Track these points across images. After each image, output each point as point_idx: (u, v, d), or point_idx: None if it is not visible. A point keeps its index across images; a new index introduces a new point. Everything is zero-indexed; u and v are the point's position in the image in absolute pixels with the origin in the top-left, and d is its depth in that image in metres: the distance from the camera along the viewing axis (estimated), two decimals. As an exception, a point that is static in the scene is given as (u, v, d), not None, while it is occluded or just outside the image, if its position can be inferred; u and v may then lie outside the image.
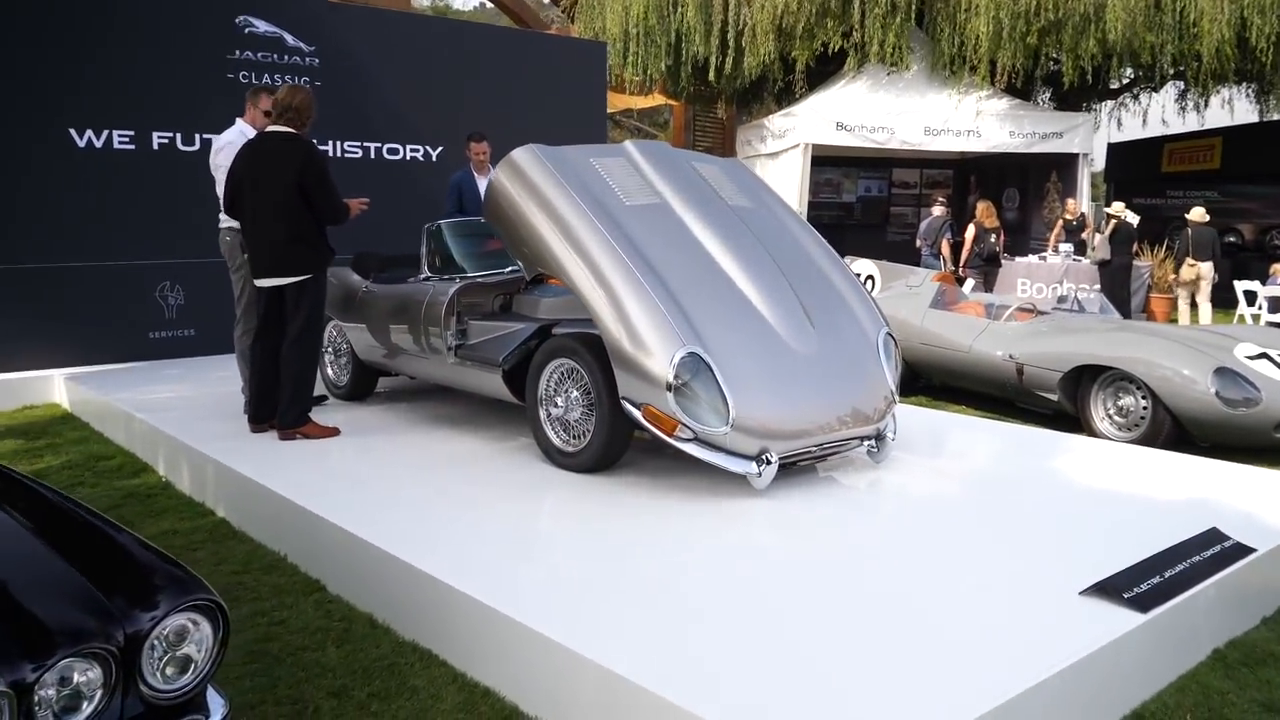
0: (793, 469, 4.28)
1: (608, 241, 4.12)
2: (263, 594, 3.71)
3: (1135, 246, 12.46)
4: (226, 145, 5.62)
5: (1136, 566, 3.17)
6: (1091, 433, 6.35)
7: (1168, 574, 3.11)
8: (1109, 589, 2.99)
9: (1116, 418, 6.29)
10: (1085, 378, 6.45)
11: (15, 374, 7.52)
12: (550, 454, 4.52)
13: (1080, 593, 2.99)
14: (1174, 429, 5.96)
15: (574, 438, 4.42)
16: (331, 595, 3.69)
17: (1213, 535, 3.52)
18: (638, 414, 3.97)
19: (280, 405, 5.09)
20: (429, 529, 3.69)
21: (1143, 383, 6.05)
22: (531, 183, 4.40)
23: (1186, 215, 12.41)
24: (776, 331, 4.20)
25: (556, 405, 4.45)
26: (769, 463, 3.93)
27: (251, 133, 5.52)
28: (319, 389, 5.41)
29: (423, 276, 5.56)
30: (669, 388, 3.83)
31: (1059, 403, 6.66)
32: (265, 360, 5.17)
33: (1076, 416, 6.56)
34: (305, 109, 5.03)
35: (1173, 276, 12.72)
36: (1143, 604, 2.92)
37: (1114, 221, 12.37)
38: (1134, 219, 13.35)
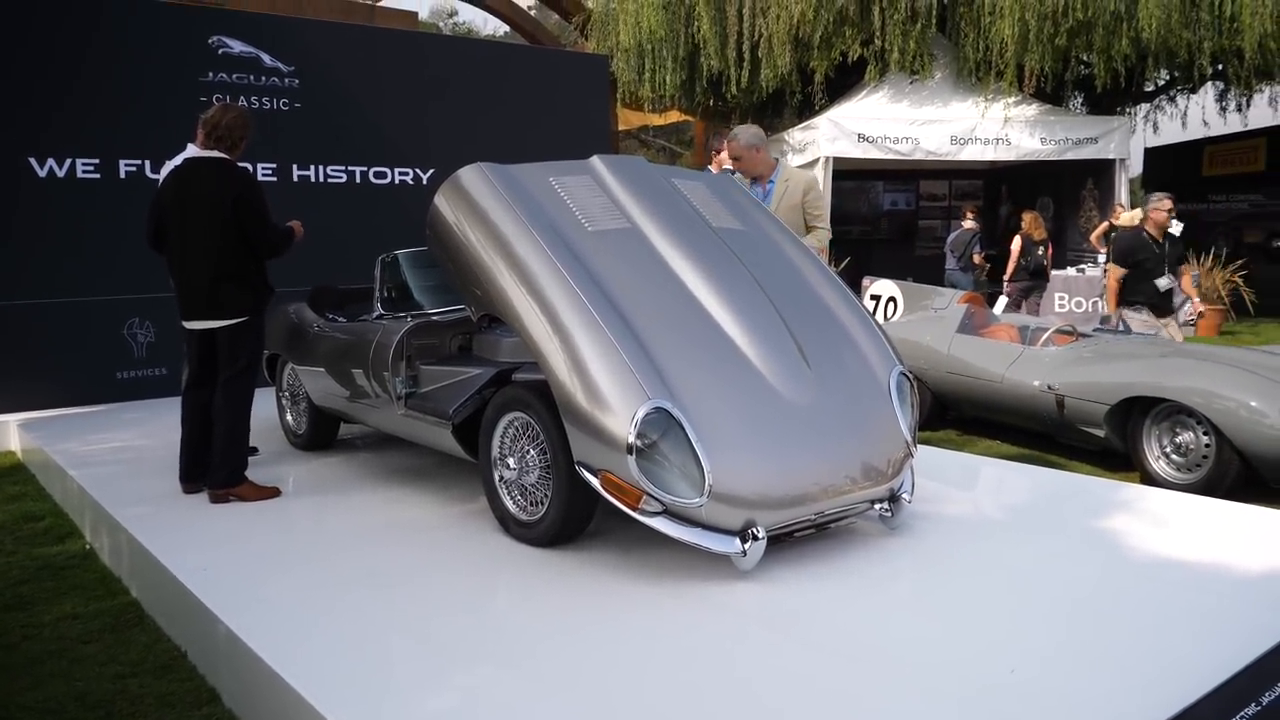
0: (787, 540, 3.56)
1: (558, 272, 3.46)
2: (143, 708, 3.07)
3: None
4: None
5: (1223, 690, 2.41)
6: (1145, 474, 5.57)
7: (1265, 701, 2.37)
8: (1189, 726, 2.26)
9: (1174, 456, 5.50)
10: (1135, 410, 5.68)
11: (-29, 420, 7.00)
12: (506, 523, 3.85)
13: (1151, 731, 2.27)
14: (1243, 470, 5.18)
15: (532, 504, 3.75)
16: (225, 710, 3.05)
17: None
18: (595, 482, 3.30)
19: (211, 463, 4.50)
20: (344, 638, 3.03)
21: (1203, 416, 5.29)
22: (476, 207, 3.76)
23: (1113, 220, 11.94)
24: (765, 377, 3.49)
25: (509, 467, 3.79)
26: (756, 538, 3.24)
27: None
28: (255, 439, 4.79)
29: (375, 315, 4.94)
30: (630, 450, 3.16)
31: (1107, 439, 5.88)
32: (196, 412, 4.60)
33: (1128, 454, 5.79)
34: (237, 128, 4.45)
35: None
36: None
37: (1101, 225, 11.84)
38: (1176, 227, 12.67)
